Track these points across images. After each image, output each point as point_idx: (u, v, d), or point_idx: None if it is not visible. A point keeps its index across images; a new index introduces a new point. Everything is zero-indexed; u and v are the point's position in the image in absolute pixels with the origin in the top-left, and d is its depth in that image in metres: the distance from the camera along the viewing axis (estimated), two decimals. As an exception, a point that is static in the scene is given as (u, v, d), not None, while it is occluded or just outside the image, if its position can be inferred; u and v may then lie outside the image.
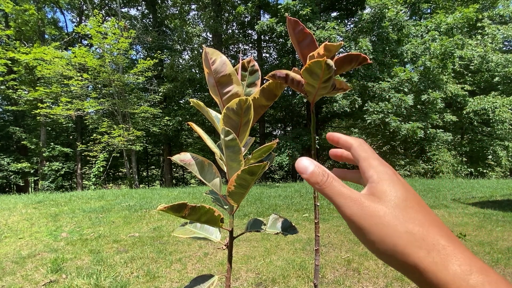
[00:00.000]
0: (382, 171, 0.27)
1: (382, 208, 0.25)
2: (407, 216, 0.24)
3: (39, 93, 11.16)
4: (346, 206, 0.25)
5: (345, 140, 0.33)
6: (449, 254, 0.22)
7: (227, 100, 0.51)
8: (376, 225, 0.24)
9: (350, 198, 0.25)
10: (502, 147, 13.70)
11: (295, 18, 0.54)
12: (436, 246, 0.22)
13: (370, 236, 0.24)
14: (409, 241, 0.23)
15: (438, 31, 12.01)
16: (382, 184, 0.26)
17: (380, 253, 0.25)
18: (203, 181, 0.57)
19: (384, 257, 0.24)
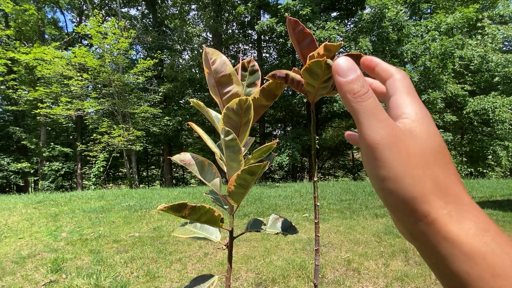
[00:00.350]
0: (421, 111, 0.24)
1: (415, 145, 0.22)
2: (438, 163, 0.22)
3: (39, 93, 11.16)
4: (376, 128, 0.22)
5: (385, 68, 0.27)
6: (469, 210, 0.21)
7: (227, 100, 0.51)
8: (403, 158, 0.21)
9: (386, 122, 0.22)
10: (502, 147, 13.69)
11: (295, 18, 0.54)
12: (458, 201, 0.21)
13: (389, 171, 0.22)
14: (431, 187, 0.21)
15: (438, 31, 12.00)
16: (419, 123, 0.23)
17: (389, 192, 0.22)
18: (203, 181, 0.57)
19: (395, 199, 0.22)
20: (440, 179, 0.21)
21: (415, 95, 0.25)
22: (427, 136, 0.23)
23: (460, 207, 0.20)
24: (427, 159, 0.22)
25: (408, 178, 0.21)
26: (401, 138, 0.22)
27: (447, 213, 0.20)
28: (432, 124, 0.24)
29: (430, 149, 0.22)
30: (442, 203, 0.20)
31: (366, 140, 0.23)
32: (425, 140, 0.22)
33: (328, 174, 19.93)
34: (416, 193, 0.21)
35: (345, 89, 0.23)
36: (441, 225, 0.20)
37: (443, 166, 0.22)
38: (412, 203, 0.21)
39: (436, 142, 0.23)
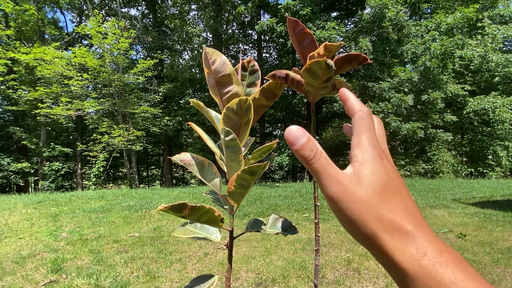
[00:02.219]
0: (368, 153, 0.27)
1: (360, 192, 0.25)
2: (382, 202, 0.25)
3: (39, 93, 11.16)
4: (329, 186, 0.26)
5: (351, 105, 0.31)
6: (411, 239, 0.24)
7: (227, 100, 0.51)
8: (352, 208, 0.25)
9: (334, 179, 0.26)
10: (502, 147, 13.69)
11: (295, 18, 0.54)
12: (400, 232, 0.24)
13: (346, 217, 0.26)
14: (378, 226, 0.25)
15: (438, 31, 12.00)
16: (364, 166, 0.27)
17: (352, 233, 0.26)
18: (203, 181, 0.57)
19: (356, 236, 0.26)
20: (384, 217, 0.25)
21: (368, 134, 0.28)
22: (371, 178, 0.26)
23: (403, 237, 0.24)
24: (371, 202, 0.25)
25: (358, 222, 0.25)
26: (348, 190, 0.26)
27: (393, 245, 0.24)
28: (377, 161, 0.27)
29: (373, 191, 0.26)
30: (388, 237, 0.24)
31: (325, 196, 0.27)
32: (369, 182, 0.26)
33: (328, 174, 19.84)
34: (368, 233, 0.25)
35: (300, 155, 0.27)
36: (391, 256, 0.24)
37: (387, 202, 0.25)
38: (367, 240, 0.25)
39: (379, 182, 0.26)
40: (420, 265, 0.23)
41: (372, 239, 0.25)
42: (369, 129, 0.29)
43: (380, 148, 0.28)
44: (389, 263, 0.25)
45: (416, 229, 0.25)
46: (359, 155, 0.27)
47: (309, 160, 0.26)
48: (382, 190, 0.26)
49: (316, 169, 0.26)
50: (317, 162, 0.26)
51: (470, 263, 2.92)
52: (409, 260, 0.23)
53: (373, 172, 0.26)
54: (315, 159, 0.26)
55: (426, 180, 10.65)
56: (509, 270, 2.77)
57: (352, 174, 0.27)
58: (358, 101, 0.31)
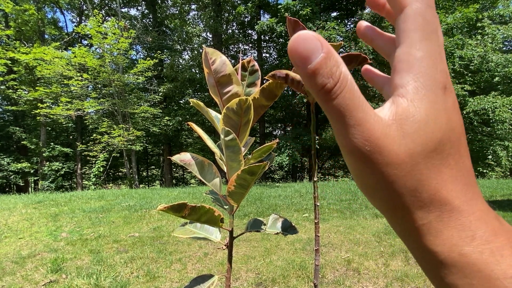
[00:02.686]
0: (428, 81, 0.18)
1: (399, 151, 0.17)
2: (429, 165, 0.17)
3: (39, 93, 11.16)
4: (351, 135, 0.17)
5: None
6: (455, 217, 0.17)
7: (227, 100, 0.51)
8: (382, 173, 0.18)
9: (361, 127, 0.17)
10: (502, 147, 13.70)
11: (295, 18, 0.54)
12: (443, 207, 0.17)
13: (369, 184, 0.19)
14: (411, 199, 0.18)
15: (438, 31, 11.99)
16: (417, 106, 0.17)
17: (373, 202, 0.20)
18: (203, 181, 0.57)
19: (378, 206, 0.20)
20: (426, 187, 0.17)
21: (431, 44, 0.18)
22: (423, 128, 0.17)
23: (444, 215, 0.17)
24: (413, 166, 0.17)
25: (385, 191, 0.18)
26: (380, 146, 0.17)
27: (427, 224, 0.18)
28: (438, 99, 0.18)
29: (422, 149, 0.17)
30: (423, 213, 0.18)
31: (340, 147, 0.19)
32: (418, 136, 0.17)
33: (328, 174, 19.92)
34: (394, 207, 0.18)
35: (309, 85, 0.17)
36: (419, 236, 0.18)
37: (435, 166, 0.18)
38: (390, 213, 0.19)
39: (435, 135, 0.17)
40: (462, 252, 0.17)
41: (399, 213, 0.18)
42: (431, 36, 0.18)
43: (446, 71, 0.18)
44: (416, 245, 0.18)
45: (467, 203, 0.17)
46: (411, 85, 0.18)
47: (327, 93, 0.17)
48: (435, 148, 0.17)
49: (336, 109, 0.17)
50: (339, 97, 0.17)
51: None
52: (444, 244, 0.17)
53: (429, 118, 0.17)
54: (335, 91, 0.16)
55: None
56: (509, 270, 2.77)
57: (392, 120, 0.17)
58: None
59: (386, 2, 0.22)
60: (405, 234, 0.19)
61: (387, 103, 0.19)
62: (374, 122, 0.17)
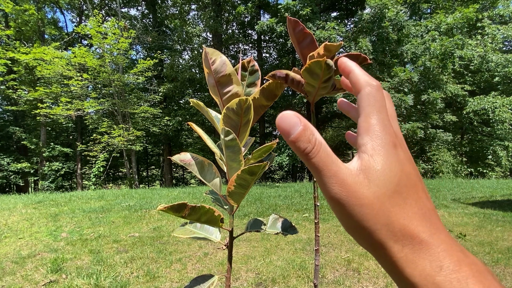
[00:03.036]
0: (380, 141, 0.23)
1: (367, 194, 0.21)
2: (393, 205, 0.21)
3: (39, 93, 11.16)
4: (330, 185, 0.22)
5: (356, 78, 0.25)
6: (424, 249, 0.20)
7: (227, 100, 0.51)
8: (357, 213, 0.21)
9: (336, 177, 0.22)
10: (502, 147, 13.70)
11: (295, 18, 0.54)
12: (413, 241, 0.21)
13: (349, 223, 0.22)
14: (386, 234, 0.21)
15: (438, 31, 12.00)
16: (375, 159, 0.22)
17: (357, 240, 0.23)
18: (203, 181, 0.57)
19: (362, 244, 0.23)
20: (395, 223, 0.21)
21: (380, 115, 0.23)
22: (381, 175, 0.22)
23: (415, 248, 0.20)
24: (380, 206, 0.21)
25: (364, 229, 0.21)
26: (353, 192, 0.21)
27: (404, 257, 0.21)
28: (390, 152, 0.22)
29: (384, 192, 0.21)
30: (399, 247, 0.21)
31: (325, 196, 0.22)
32: (379, 181, 0.22)
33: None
34: (374, 242, 0.21)
35: (296, 147, 0.22)
36: (400, 268, 0.21)
37: (399, 205, 0.21)
38: (374, 249, 0.22)
39: (392, 180, 0.22)
40: (434, 281, 0.19)
41: (380, 249, 0.21)
42: (380, 109, 0.24)
43: (394, 132, 0.24)
44: (398, 276, 0.21)
45: (432, 237, 0.21)
46: (369, 144, 0.23)
47: (306, 154, 0.22)
48: (395, 190, 0.22)
49: (315, 165, 0.22)
50: (316, 157, 0.22)
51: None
52: (421, 274, 0.20)
53: (385, 168, 0.22)
54: (313, 153, 0.22)
55: (426, 180, 10.65)
56: (509, 270, 2.77)
57: (359, 170, 0.22)
58: (365, 73, 0.25)
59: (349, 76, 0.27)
60: (390, 269, 0.22)
61: (354, 157, 0.24)
62: (346, 172, 0.22)
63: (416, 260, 0.20)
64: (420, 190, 0.23)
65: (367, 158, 0.22)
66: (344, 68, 0.27)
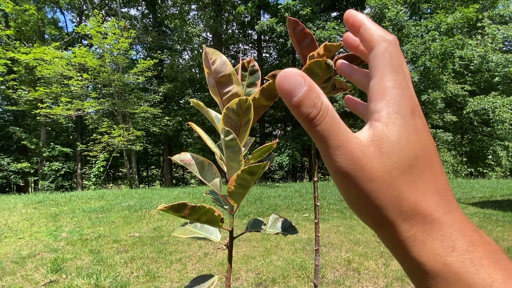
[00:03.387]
0: (398, 107, 0.20)
1: (378, 168, 0.19)
2: (406, 180, 0.19)
3: (39, 93, 11.16)
4: (335, 157, 0.19)
5: (369, 33, 0.22)
6: (436, 228, 0.19)
7: (227, 100, 0.51)
8: (364, 188, 0.19)
9: (343, 148, 0.19)
10: (502, 147, 13.70)
11: (295, 18, 0.54)
12: (425, 219, 0.19)
13: (354, 199, 0.20)
14: (395, 212, 0.19)
15: (438, 31, 12.00)
16: (390, 128, 0.20)
17: (361, 217, 0.21)
18: (203, 181, 0.57)
19: (366, 221, 0.21)
20: (407, 200, 0.19)
21: (396, 75, 0.21)
22: (397, 147, 0.19)
23: (426, 227, 0.19)
24: (392, 181, 0.19)
25: (370, 206, 0.20)
26: (362, 165, 0.19)
27: (411, 236, 0.19)
28: (408, 121, 0.20)
29: (397, 166, 0.19)
30: (407, 226, 0.19)
31: (328, 169, 0.20)
32: (393, 154, 0.19)
33: (328, 174, 19.90)
34: (381, 220, 0.20)
35: (299, 112, 0.19)
36: (407, 248, 0.19)
37: (413, 180, 0.19)
38: (379, 227, 0.20)
39: (408, 152, 0.20)
40: (445, 262, 0.18)
41: (386, 227, 0.20)
42: (397, 69, 0.21)
43: (413, 97, 0.21)
44: (403, 256, 0.20)
45: (446, 215, 0.19)
46: (384, 111, 0.20)
47: (311, 120, 0.19)
48: (410, 164, 0.19)
49: (320, 134, 0.19)
50: (322, 123, 0.19)
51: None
52: (430, 255, 0.18)
53: (402, 139, 0.20)
54: (318, 119, 0.19)
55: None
56: (509, 270, 2.77)
57: (370, 141, 0.20)
58: (378, 26, 0.22)
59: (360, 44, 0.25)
60: (394, 248, 0.20)
61: (365, 126, 0.21)
62: (355, 143, 0.19)
63: (425, 240, 0.19)
64: (436, 164, 0.20)
65: (381, 128, 0.20)
66: (354, 22, 0.23)
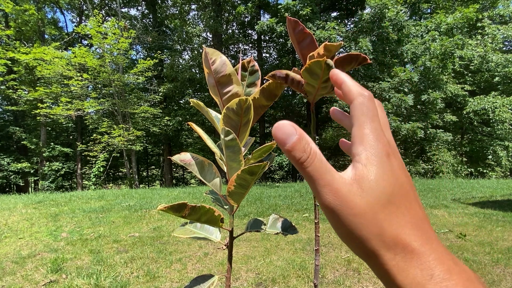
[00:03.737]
0: (374, 150, 0.23)
1: (360, 204, 0.22)
2: (386, 214, 0.22)
3: (39, 93, 11.16)
4: (324, 194, 0.22)
5: (348, 89, 0.26)
6: (416, 258, 0.21)
7: (227, 100, 0.51)
8: (350, 222, 0.22)
9: (330, 187, 0.22)
10: (502, 147, 13.69)
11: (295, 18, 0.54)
12: (405, 250, 0.21)
13: (343, 231, 0.23)
14: (379, 243, 0.22)
15: (438, 31, 12.01)
16: (369, 169, 0.23)
17: (351, 247, 0.23)
18: (203, 181, 0.57)
19: (355, 251, 0.23)
20: (387, 232, 0.22)
21: (373, 124, 0.24)
22: (375, 185, 0.22)
23: (407, 256, 0.21)
24: (373, 215, 0.22)
25: (357, 238, 0.22)
26: (347, 201, 0.22)
27: (396, 265, 0.21)
28: (384, 163, 0.23)
29: (377, 201, 0.22)
30: (391, 255, 0.21)
31: (320, 204, 0.23)
32: (372, 191, 0.22)
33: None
34: (367, 250, 0.22)
35: (291, 156, 0.23)
36: (392, 276, 0.21)
37: (392, 214, 0.22)
38: (367, 257, 0.22)
39: (386, 189, 0.22)
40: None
41: (372, 257, 0.22)
42: (372, 118, 0.24)
43: (387, 141, 0.24)
44: (390, 283, 0.22)
45: (424, 246, 0.21)
46: (363, 154, 0.23)
47: (302, 163, 0.22)
48: (388, 199, 0.22)
49: (310, 174, 0.22)
50: (311, 166, 0.22)
51: (470, 263, 2.92)
52: (412, 282, 0.20)
53: (379, 177, 0.22)
54: (308, 162, 0.22)
55: (426, 180, 10.65)
56: (509, 270, 2.77)
57: (353, 180, 0.23)
58: (356, 83, 0.26)
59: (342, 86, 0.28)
60: (382, 276, 0.22)
61: (349, 167, 0.24)
62: (340, 182, 0.22)
63: (407, 268, 0.21)
64: (412, 199, 0.23)
65: (361, 168, 0.23)
66: (336, 80, 0.27)
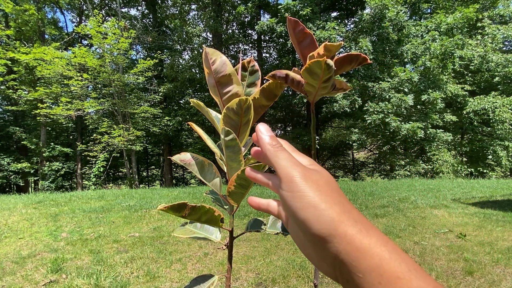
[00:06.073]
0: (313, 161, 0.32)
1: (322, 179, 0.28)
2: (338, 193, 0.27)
3: (39, 93, 11.16)
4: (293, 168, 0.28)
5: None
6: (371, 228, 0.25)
7: (227, 100, 0.51)
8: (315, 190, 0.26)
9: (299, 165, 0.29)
10: (502, 147, 13.67)
11: (295, 18, 0.54)
12: (361, 220, 0.26)
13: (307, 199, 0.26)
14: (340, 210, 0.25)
15: (438, 31, 12.00)
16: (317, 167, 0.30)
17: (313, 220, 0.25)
18: (203, 181, 0.57)
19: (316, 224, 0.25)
20: (344, 204, 0.26)
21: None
22: (325, 174, 0.29)
23: (365, 225, 0.25)
24: (332, 189, 0.27)
25: (324, 204, 0.26)
26: (311, 174, 0.28)
27: (359, 230, 0.24)
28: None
29: (331, 183, 0.28)
30: (352, 222, 0.25)
31: (286, 177, 0.28)
32: (326, 176, 0.28)
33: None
34: (333, 216, 0.25)
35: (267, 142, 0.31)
36: (357, 240, 0.24)
37: (342, 196, 0.27)
38: (332, 225, 0.25)
39: (331, 179, 0.29)
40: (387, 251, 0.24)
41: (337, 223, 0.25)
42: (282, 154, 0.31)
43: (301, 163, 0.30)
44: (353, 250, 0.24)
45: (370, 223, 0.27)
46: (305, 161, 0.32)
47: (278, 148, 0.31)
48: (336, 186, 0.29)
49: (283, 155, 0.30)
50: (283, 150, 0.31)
51: (470, 263, 2.92)
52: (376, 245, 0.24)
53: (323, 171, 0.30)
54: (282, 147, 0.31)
55: (426, 180, 10.65)
56: (509, 270, 2.77)
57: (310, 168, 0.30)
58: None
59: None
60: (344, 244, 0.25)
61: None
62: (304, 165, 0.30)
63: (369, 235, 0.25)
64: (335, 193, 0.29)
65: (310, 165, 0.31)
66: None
